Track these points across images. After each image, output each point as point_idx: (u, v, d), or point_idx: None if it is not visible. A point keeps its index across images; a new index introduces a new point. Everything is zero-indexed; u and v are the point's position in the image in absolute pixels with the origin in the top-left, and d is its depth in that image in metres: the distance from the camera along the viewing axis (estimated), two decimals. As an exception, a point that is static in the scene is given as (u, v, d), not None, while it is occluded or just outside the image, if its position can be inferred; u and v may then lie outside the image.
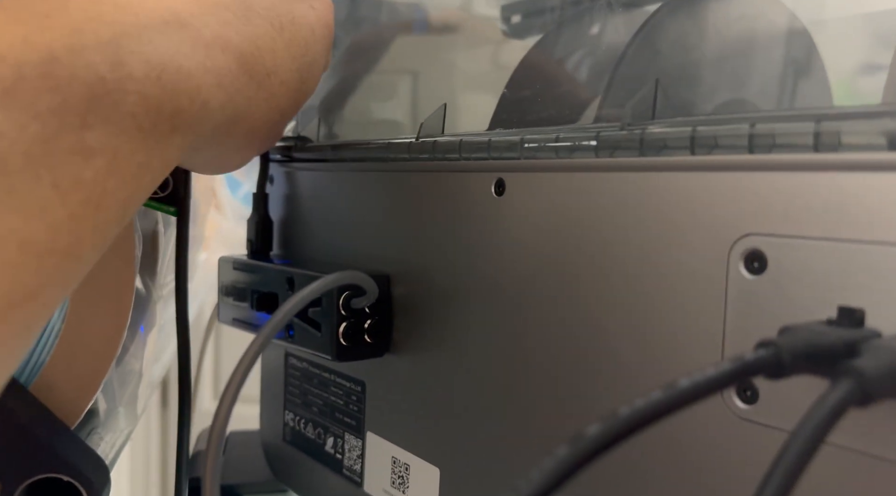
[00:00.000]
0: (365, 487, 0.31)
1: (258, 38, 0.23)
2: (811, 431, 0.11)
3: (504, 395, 0.24)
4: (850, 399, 0.12)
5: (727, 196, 0.17)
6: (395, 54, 0.48)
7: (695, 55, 0.31)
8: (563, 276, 0.21)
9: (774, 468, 0.11)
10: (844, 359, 0.13)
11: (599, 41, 0.38)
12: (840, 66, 0.36)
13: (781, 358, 0.13)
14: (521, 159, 0.23)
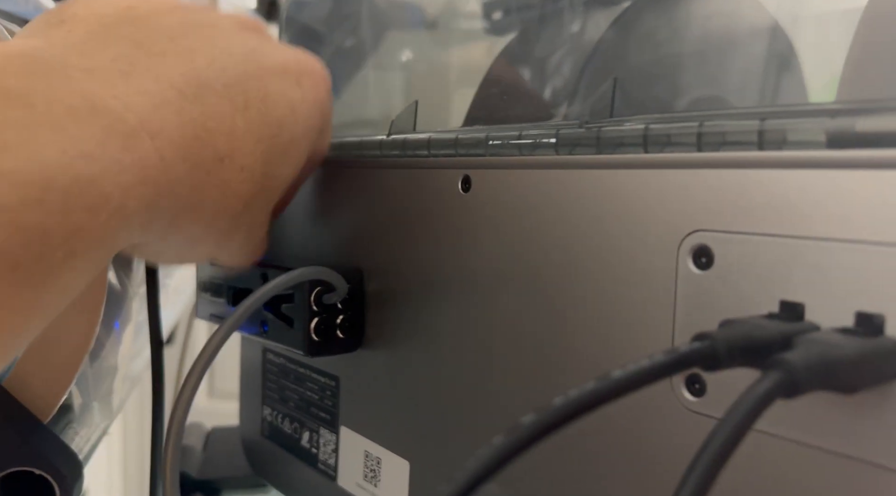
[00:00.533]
0: (339, 481, 0.31)
1: (209, 119, 0.20)
2: (738, 420, 0.12)
3: (472, 389, 0.24)
4: (777, 390, 0.12)
5: (677, 193, 0.17)
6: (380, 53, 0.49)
7: (666, 52, 0.31)
8: (526, 271, 0.22)
9: (701, 453, 0.12)
10: (777, 352, 0.13)
11: (577, 38, 0.38)
12: (821, 63, 0.36)
13: (717, 350, 0.13)
14: (487, 156, 0.23)
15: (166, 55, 0.20)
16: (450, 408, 0.25)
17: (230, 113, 0.21)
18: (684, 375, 0.17)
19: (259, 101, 0.22)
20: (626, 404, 0.18)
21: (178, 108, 0.20)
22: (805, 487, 0.15)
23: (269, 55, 0.24)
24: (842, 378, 0.13)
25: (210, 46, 0.22)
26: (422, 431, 0.27)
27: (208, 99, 0.21)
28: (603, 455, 0.19)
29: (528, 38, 0.39)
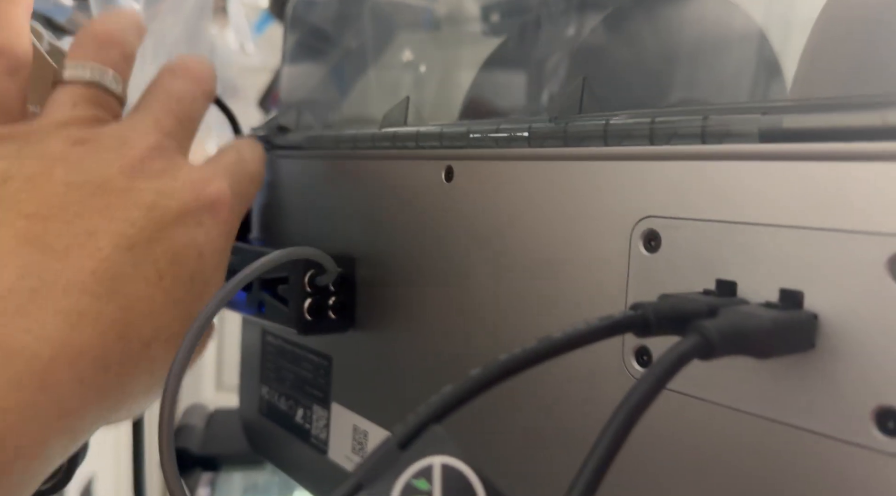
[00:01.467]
0: (329, 454, 0.33)
1: (128, 311, 0.20)
2: (656, 375, 0.13)
3: (451, 367, 0.26)
4: (694, 351, 0.14)
5: (631, 182, 0.19)
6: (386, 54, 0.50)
7: (646, 55, 0.33)
8: (499, 256, 0.23)
9: (622, 405, 0.13)
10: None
11: (569, 42, 0.40)
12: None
13: (647, 318, 0.15)
14: (468, 148, 0.25)
15: (70, 253, 0.20)
16: (432, 384, 0.27)
17: (147, 292, 0.21)
18: (634, 347, 0.19)
19: (169, 264, 0.22)
20: (580, 372, 0.20)
21: (95, 315, 0.19)
22: (722, 446, 0.17)
23: (168, 203, 0.23)
24: (755, 344, 0.14)
25: (109, 220, 0.21)
26: (406, 406, 0.28)
27: (123, 288, 0.20)
28: (557, 418, 0.21)
29: (517, 41, 0.41)
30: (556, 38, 0.41)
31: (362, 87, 0.51)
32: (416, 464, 0.13)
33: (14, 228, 0.20)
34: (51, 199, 0.21)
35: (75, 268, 0.20)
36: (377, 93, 0.50)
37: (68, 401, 0.19)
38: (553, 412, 0.21)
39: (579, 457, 0.20)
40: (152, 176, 0.23)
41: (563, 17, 0.42)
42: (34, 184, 0.21)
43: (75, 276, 0.19)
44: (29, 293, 0.19)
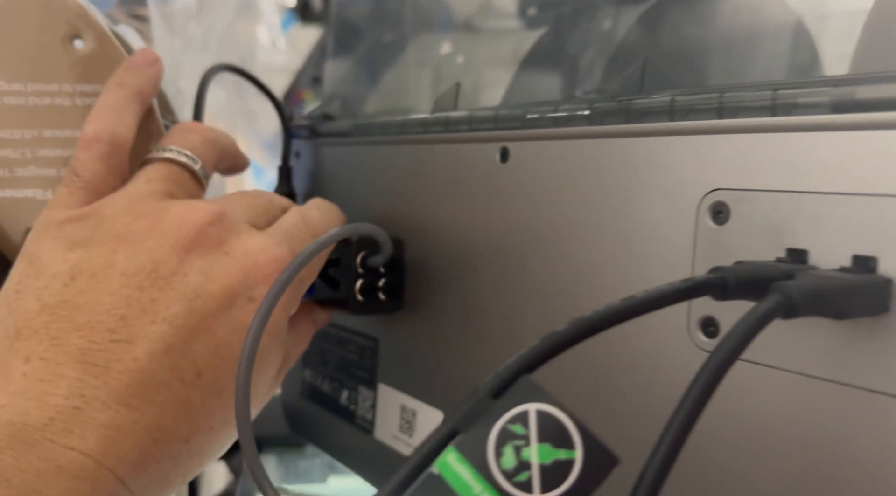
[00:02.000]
0: (376, 434, 0.33)
1: (163, 415, 0.21)
2: (740, 334, 0.14)
3: (502, 344, 0.27)
4: (776, 310, 0.14)
5: (699, 156, 0.19)
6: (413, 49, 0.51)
7: (690, 44, 0.33)
8: (558, 234, 0.24)
9: (707, 363, 0.14)
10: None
11: (607, 32, 0.40)
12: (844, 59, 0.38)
13: (727, 281, 0.15)
14: (524, 129, 0.25)
15: (109, 367, 0.21)
16: (480, 362, 0.28)
17: (182, 393, 0.22)
18: (700, 318, 0.19)
19: (210, 357, 0.22)
20: (645, 345, 0.20)
21: (130, 426, 0.21)
22: (797, 413, 0.17)
23: (212, 287, 0.23)
24: (835, 304, 0.15)
25: (151, 321, 0.22)
26: (456, 384, 0.29)
27: (157, 395, 0.21)
28: (622, 392, 0.21)
29: (560, 31, 0.41)
30: (591, 31, 0.42)
31: (396, 79, 0.51)
32: (512, 411, 0.13)
33: (68, 345, 0.21)
34: (104, 300, 0.22)
35: (113, 384, 0.21)
36: (405, 84, 0.51)
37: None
38: (616, 383, 0.21)
39: (641, 428, 0.20)
40: (204, 251, 0.24)
41: (599, 10, 0.43)
42: (95, 281, 0.22)
43: (112, 392, 0.21)
44: (72, 412, 0.20)
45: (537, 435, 0.13)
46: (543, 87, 0.39)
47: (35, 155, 0.28)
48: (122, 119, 0.26)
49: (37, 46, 0.28)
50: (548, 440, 0.13)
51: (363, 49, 0.52)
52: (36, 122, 0.28)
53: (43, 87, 0.28)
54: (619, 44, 0.31)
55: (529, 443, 0.13)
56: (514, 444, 0.13)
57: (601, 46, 0.39)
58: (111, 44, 0.29)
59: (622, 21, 0.40)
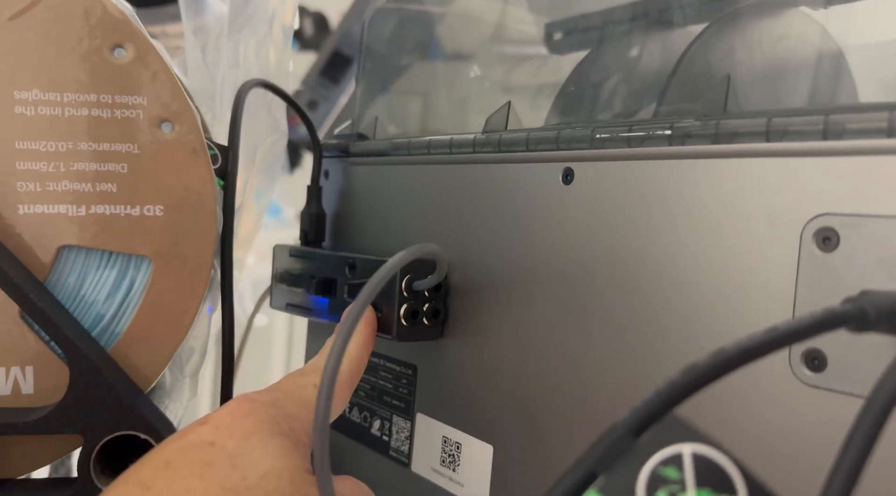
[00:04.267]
0: (413, 467, 0.32)
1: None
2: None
3: (563, 377, 0.25)
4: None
5: (802, 179, 0.18)
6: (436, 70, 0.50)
7: (741, 69, 0.33)
8: (631, 260, 0.23)
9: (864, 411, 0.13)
10: (924, 315, 0.14)
11: (639, 61, 0.40)
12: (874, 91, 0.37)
13: (867, 313, 0.14)
14: (592, 149, 0.24)
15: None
16: (537, 395, 0.26)
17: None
18: (803, 352, 0.18)
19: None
20: (743, 380, 0.19)
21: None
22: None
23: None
24: None
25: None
26: (506, 417, 0.28)
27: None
28: (721, 433, 0.20)
29: (599, 56, 0.41)
30: (618, 58, 0.41)
31: (418, 103, 0.51)
32: (662, 452, 0.12)
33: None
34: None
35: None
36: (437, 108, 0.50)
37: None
38: (714, 421, 0.20)
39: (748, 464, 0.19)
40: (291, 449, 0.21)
41: (625, 38, 0.42)
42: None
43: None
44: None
45: (695, 479, 0.12)
46: (583, 114, 0.38)
47: (69, 168, 0.27)
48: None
49: (76, 55, 0.27)
50: (707, 485, 0.12)
51: (385, 73, 0.51)
52: (71, 134, 0.27)
53: (80, 97, 0.27)
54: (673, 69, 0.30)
55: (686, 488, 0.12)
56: (669, 490, 0.12)
57: (640, 73, 0.39)
58: (153, 55, 0.28)
59: (649, 47, 0.39)
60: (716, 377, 0.13)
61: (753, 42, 0.35)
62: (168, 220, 0.27)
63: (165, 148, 0.27)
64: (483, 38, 0.53)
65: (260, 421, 0.21)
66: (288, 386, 0.24)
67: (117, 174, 0.27)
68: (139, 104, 0.27)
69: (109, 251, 0.27)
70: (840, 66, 0.36)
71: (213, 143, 0.32)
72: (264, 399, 0.22)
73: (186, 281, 0.28)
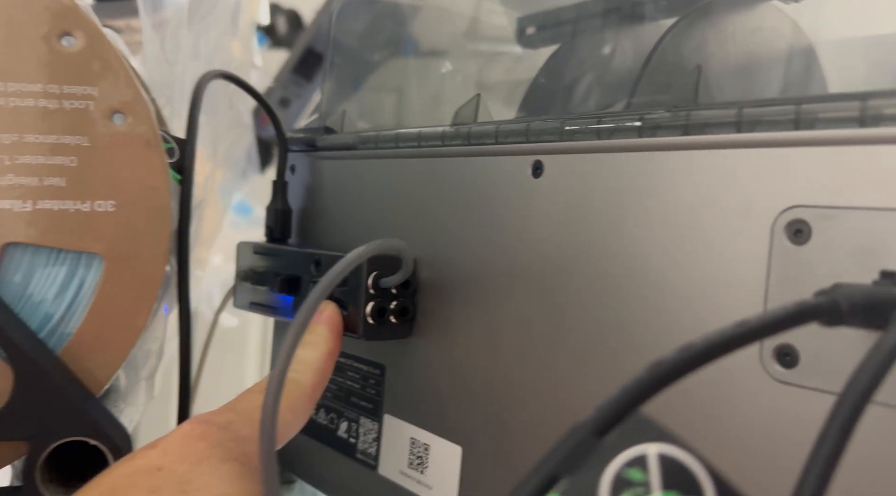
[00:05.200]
0: (380, 470, 0.31)
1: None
2: (870, 373, 0.12)
3: (534, 375, 0.25)
4: (909, 338, 0.13)
5: (773, 171, 0.18)
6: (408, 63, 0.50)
7: (713, 62, 0.32)
8: (602, 254, 0.22)
9: (838, 408, 0.12)
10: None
11: (612, 55, 0.39)
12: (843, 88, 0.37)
13: (840, 306, 0.14)
14: (561, 141, 0.24)
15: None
16: (507, 394, 0.26)
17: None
18: (775, 347, 0.18)
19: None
20: (713, 376, 0.19)
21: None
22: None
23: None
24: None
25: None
26: (476, 417, 0.27)
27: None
28: (692, 430, 0.19)
29: (571, 50, 0.40)
30: (590, 52, 0.41)
31: (388, 98, 0.50)
32: (626, 453, 0.11)
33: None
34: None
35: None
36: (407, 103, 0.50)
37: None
38: (684, 418, 0.19)
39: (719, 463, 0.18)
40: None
41: (598, 33, 0.42)
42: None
43: None
44: None
45: (661, 481, 0.11)
46: (554, 107, 0.37)
47: (14, 162, 0.26)
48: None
49: (21, 43, 0.25)
50: (674, 487, 0.11)
51: (357, 68, 0.50)
52: (16, 125, 0.26)
53: (25, 87, 0.26)
54: (646, 61, 0.30)
55: (651, 491, 0.11)
56: (634, 493, 0.11)
57: (613, 67, 0.38)
58: (104, 43, 0.26)
59: (623, 41, 0.39)
60: (683, 373, 0.12)
61: (726, 35, 0.34)
62: (120, 215, 0.26)
63: (117, 140, 0.26)
64: (456, 34, 0.53)
65: (212, 445, 0.20)
66: (243, 405, 0.23)
67: (66, 168, 0.26)
68: (89, 95, 0.26)
69: (58, 248, 0.26)
70: (811, 61, 0.36)
71: (171, 136, 0.31)
72: (218, 421, 0.21)
73: (140, 280, 0.27)
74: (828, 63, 0.37)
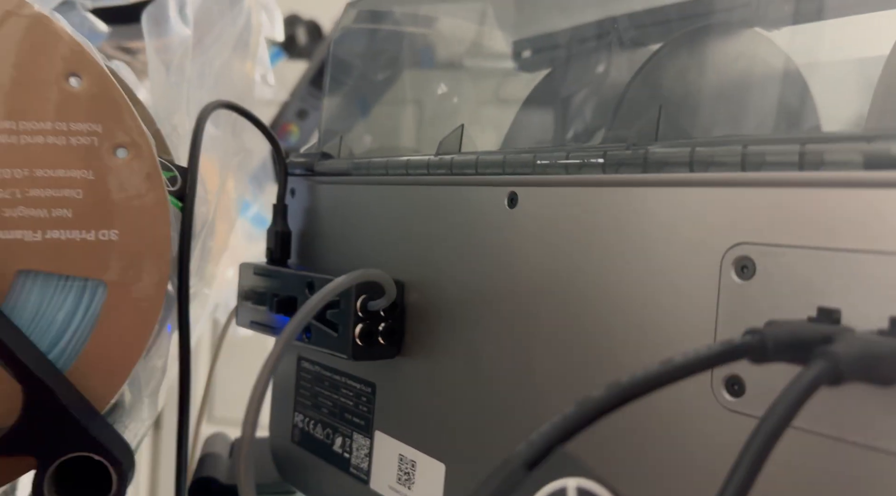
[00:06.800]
0: (371, 484, 0.32)
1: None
2: (787, 404, 0.13)
3: (511, 395, 0.26)
4: (822, 377, 0.14)
5: (722, 209, 0.19)
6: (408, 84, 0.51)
7: (694, 90, 0.33)
8: (570, 282, 0.23)
9: (754, 435, 0.13)
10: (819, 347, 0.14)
11: (604, 78, 0.41)
12: (835, 109, 0.38)
13: (766, 344, 0.15)
14: (534, 175, 0.25)
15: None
16: (487, 413, 0.27)
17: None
18: (724, 376, 0.19)
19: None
20: (666, 404, 0.20)
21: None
22: (842, 483, 0.16)
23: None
24: (881, 370, 0.14)
25: None
26: (458, 435, 0.28)
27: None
28: (645, 455, 0.20)
29: (561, 74, 0.41)
30: (584, 75, 0.42)
31: (387, 118, 0.51)
32: (549, 486, 0.12)
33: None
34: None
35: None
36: (405, 123, 0.51)
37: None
38: (638, 445, 0.20)
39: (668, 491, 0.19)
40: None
41: (593, 55, 0.43)
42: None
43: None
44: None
45: (579, 514, 0.12)
46: (544, 130, 0.39)
47: (25, 195, 0.27)
48: None
49: (30, 83, 0.27)
50: (590, 519, 0.12)
51: (357, 87, 0.52)
52: (27, 160, 0.27)
53: (36, 125, 0.28)
54: (624, 90, 0.31)
55: (570, 522, 0.12)
56: (554, 524, 0.12)
57: (604, 91, 0.39)
58: (108, 82, 0.28)
59: (615, 65, 0.40)
60: (611, 409, 0.14)
61: (707, 62, 0.35)
62: (123, 244, 0.28)
63: (120, 173, 0.28)
64: (457, 55, 0.54)
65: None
66: None
67: (73, 200, 0.28)
68: (95, 131, 0.28)
69: (66, 275, 0.28)
70: (800, 86, 0.37)
71: (173, 164, 0.32)
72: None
73: (141, 304, 0.28)
74: (820, 87, 0.37)
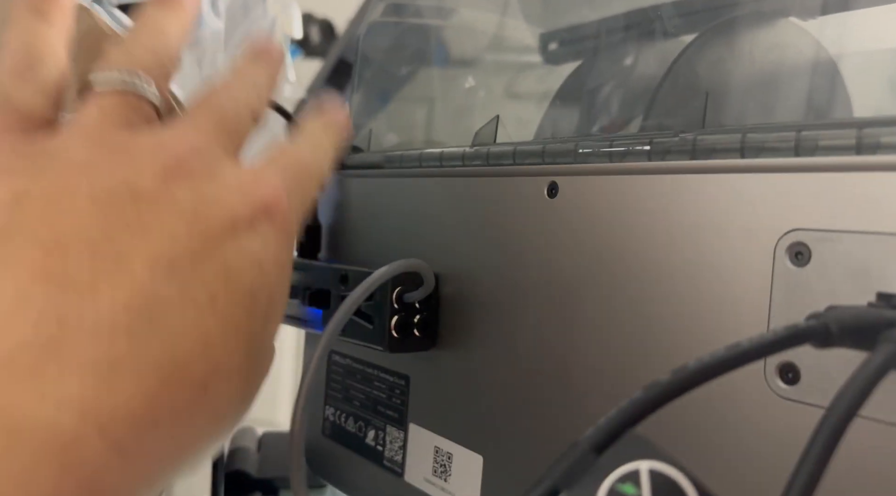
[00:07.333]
0: (406, 477, 0.32)
1: (176, 345, 0.17)
2: (856, 390, 0.13)
3: (551, 386, 0.26)
4: (891, 361, 0.13)
5: (775, 195, 0.19)
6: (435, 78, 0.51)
7: (730, 80, 0.33)
8: (613, 272, 0.23)
9: (823, 422, 0.13)
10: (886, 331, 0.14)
11: (632, 70, 0.40)
12: (867, 99, 0.37)
13: (829, 328, 0.15)
14: (575, 164, 0.25)
15: (98, 285, 0.16)
16: (526, 405, 0.27)
17: (197, 320, 0.17)
18: (778, 364, 0.19)
19: (223, 283, 0.19)
20: (719, 394, 0.20)
21: (132, 360, 0.16)
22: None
23: (213, 210, 0.19)
24: (949, 354, 0.14)
25: (143, 237, 0.18)
26: (496, 427, 0.28)
27: (167, 319, 0.17)
28: (697, 445, 0.20)
29: (590, 66, 0.41)
30: (614, 67, 0.42)
31: (413, 113, 0.51)
32: (621, 469, 0.12)
33: (28, 263, 0.16)
34: (74, 219, 0.17)
35: (105, 304, 0.16)
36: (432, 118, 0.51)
37: (105, 479, 0.15)
38: (690, 434, 0.20)
39: (721, 481, 0.19)
40: (190, 180, 0.20)
41: (621, 47, 0.43)
42: (55, 202, 0.17)
43: (105, 314, 0.16)
44: (45, 346, 0.15)
45: (651, 495, 0.12)
46: (572, 123, 0.38)
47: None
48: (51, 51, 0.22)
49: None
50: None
51: (382, 81, 0.52)
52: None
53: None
54: (661, 81, 0.31)
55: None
56: (626, 506, 0.12)
57: (632, 83, 0.39)
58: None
59: (644, 57, 0.39)
60: (677, 394, 0.13)
61: (743, 52, 0.35)
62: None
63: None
64: (481, 48, 0.54)
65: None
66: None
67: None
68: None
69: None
70: (833, 76, 0.37)
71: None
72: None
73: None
74: (852, 77, 0.37)
